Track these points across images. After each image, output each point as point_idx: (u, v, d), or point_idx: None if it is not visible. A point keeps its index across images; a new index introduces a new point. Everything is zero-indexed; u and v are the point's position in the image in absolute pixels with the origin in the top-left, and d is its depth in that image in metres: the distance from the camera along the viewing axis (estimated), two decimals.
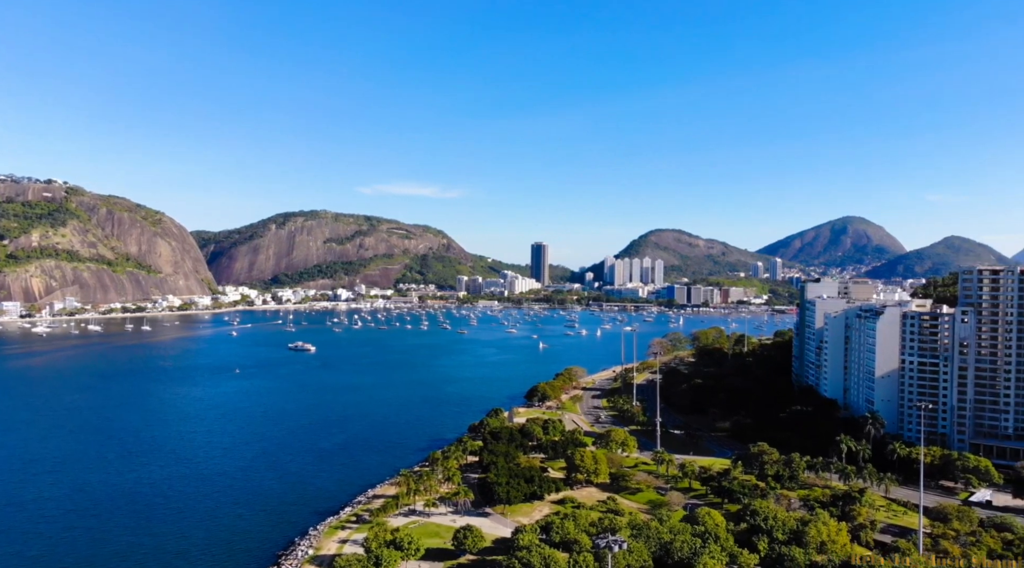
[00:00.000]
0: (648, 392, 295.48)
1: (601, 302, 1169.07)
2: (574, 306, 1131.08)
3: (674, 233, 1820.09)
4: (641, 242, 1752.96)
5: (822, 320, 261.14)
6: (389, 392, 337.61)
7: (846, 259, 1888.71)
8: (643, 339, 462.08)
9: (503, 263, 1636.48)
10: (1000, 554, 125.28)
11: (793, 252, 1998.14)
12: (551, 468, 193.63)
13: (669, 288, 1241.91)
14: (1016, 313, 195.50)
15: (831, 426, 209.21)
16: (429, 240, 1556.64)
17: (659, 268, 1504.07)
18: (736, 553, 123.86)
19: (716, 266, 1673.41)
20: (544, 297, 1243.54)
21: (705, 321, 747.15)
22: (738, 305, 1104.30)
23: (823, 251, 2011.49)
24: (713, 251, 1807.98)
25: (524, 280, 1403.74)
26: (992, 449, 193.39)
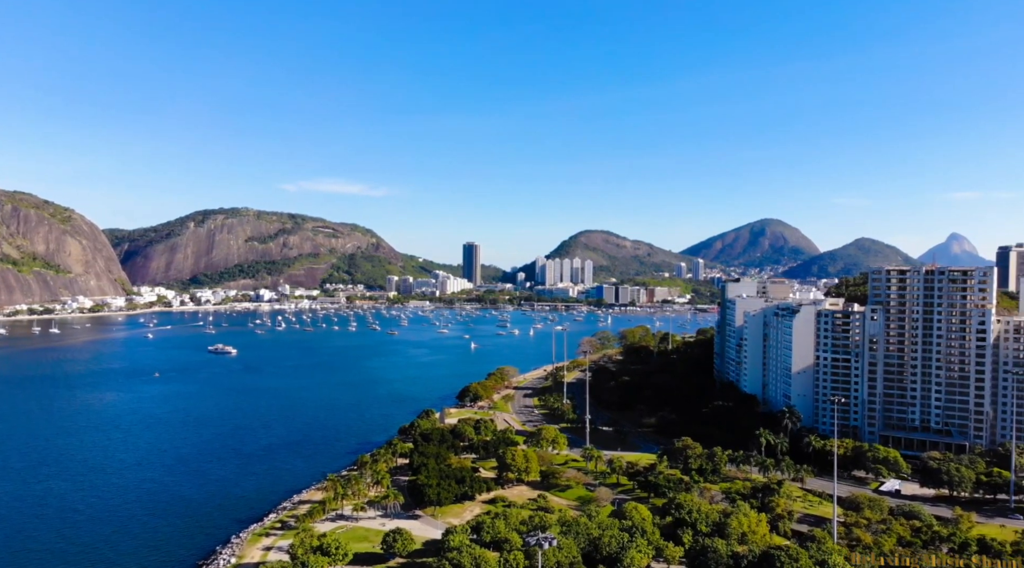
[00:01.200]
0: (578, 390, 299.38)
1: (533, 302, 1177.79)
2: (506, 306, 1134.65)
3: (603, 234, 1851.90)
4: (571, 243, 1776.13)
5: (742, 318, 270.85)
6: (316, 395, 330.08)
7: (764, 260, 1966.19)
8: (573, 338, 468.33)
9: (434, 263, 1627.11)
10: (909, 541, 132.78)
11: (715, 253, 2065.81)
12: (483, 468, 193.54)
13: (598, 288, 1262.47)
14: (921, 311, 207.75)
15: (751, 420, 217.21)
16: (357, 239, 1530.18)
17: (588, 268, 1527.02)
18: (662, 546, 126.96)
19: (642, 266, 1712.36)
20: (476, 297, 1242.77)
21: (632, 320, 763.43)
22: (663, 304, 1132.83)
23: (743, 252, 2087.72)
24: (639, 252, 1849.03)
25: (456, 280, 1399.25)
26: (900, 440, 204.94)
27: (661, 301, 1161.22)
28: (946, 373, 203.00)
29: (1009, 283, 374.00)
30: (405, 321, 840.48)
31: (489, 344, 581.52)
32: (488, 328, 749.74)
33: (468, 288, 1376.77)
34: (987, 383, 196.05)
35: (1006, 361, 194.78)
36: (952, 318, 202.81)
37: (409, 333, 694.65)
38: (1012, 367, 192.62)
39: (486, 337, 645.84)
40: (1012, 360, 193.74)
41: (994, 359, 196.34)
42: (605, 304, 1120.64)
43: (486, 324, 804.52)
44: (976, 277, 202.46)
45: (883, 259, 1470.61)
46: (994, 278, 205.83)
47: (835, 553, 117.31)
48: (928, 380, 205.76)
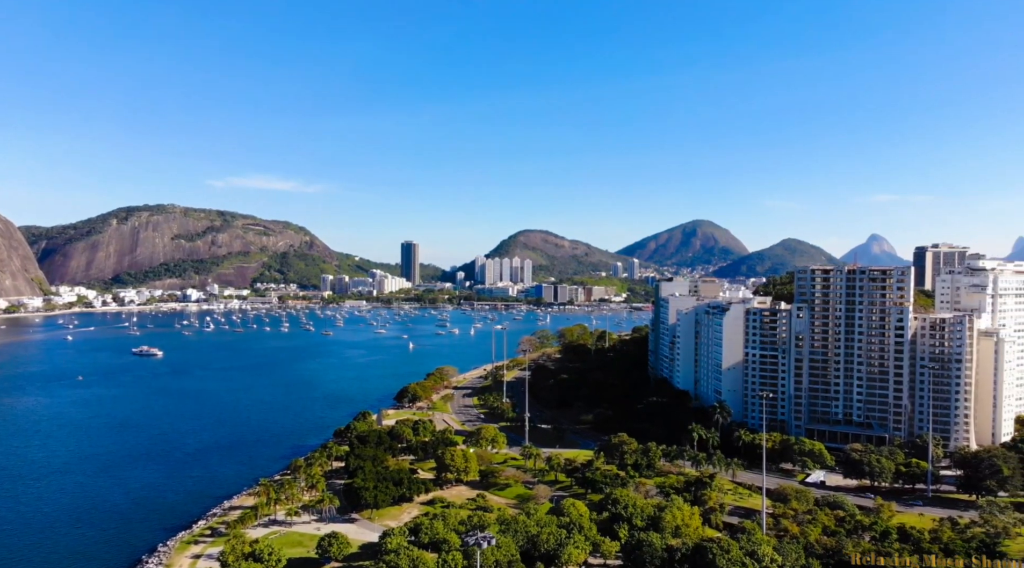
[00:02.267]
0: (518, 389, 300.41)
1: (472, 301, 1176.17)
2: (446, 305, 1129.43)
3: (542, 234, 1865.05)
4: (510, 242, 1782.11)
5: (675, 316, 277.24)
6: (247, 398, 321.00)
7: (696, 259, 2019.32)
8: (513, 337, 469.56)
9: (371, 262, 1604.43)
10: (833, 530, 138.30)
11: (649, 253, 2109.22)
12: (421, 469, 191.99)
13: (537, 287, 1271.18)
14: (844, 309, 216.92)
15: (684, 416, 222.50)
16: (290, 237, 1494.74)
17: (528, 268, 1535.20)
18: (599, 542, 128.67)
19: (580, 266, 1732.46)
20: (415, 296, 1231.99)
21: (571, 319, 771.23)
22: (600, 303, 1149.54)
23: (675, 252, 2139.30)
24: (577, 251, 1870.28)
25: (394, 279, 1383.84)
26: (825, 433, 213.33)
27: (598, 300, 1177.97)
28: (867, 368, 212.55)
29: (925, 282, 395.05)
30: (341, 321, 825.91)
31: (428, 344, 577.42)
32: (427, 328, 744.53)
33: (406, 287, 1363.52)
34: (905, 378, 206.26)
35: (922, 356, 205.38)
36: (872, 315, 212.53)
37: (345, 334, 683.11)
38: (928, 362, 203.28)
39: (425, 337, 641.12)
40: (928, 355, 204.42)
41: (911, 354, 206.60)
42: (544, 303, 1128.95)
43: (425, 324, 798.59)
44: (894, 276, 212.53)
45: (808, 259, 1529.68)
46: (911, 277, 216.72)
47: (764, 544, 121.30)
48: (850, 375, 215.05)
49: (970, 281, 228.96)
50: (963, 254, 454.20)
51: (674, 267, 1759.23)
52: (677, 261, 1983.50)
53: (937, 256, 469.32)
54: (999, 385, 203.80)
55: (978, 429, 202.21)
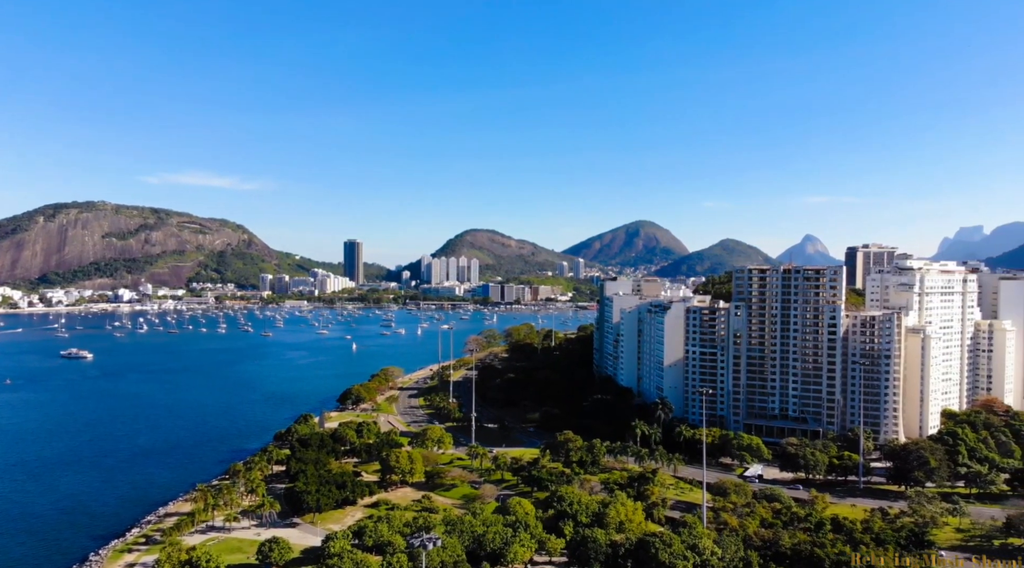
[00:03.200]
0: (465, 388, 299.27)
1: (419, 300, 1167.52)
2: (391, 305, 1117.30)
3: (488, 233, 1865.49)
4: (457, 241, 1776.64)
5: (619, 315, 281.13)
6: (183, 402, 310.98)
7: (639, 259, 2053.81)
8: (460, 337, 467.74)
9: (313, 261, 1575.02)
10: (770, 522, 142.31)
11: (594, 253, 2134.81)
12: (365, 471, 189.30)
13: (484, 286, 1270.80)
14: (779, 307, 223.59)
15: (627, 412, 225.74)
16: (227, 235, 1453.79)
17: (475, 267, 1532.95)
18: (544, 539, 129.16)
19: (527, 265, 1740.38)
20: (359, 296, 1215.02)
21: (517, 318, 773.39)
22: (546, 302, 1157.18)
23: (619, 252, 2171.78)
24: (524, 251, 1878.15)
25: (337, 279, 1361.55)
26: (762, 428, 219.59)
27: (545, 299, 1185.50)
28: (802, 364, 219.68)
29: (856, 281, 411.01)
30: (281, 322, 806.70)
31: (373, 345, 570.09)
32: (371, 328, 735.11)
33: (350, 287, 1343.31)
34: (838, 373, 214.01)
35: (854, 352, 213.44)
36: (807, 313, 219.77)
37: (285, 334, 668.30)
38: (859, 358, 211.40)
39: (369, 337, 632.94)
40: (859, 351, 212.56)
41: (844, 351, 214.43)
42: (491, 302, 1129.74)
43: (369, 324, 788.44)
44: (827, 276, 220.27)
45: (745, 259, 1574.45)
46: (843, 277, 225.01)
47: (705, 537, 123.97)
48: (786, 371, 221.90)
49: (898, 280, 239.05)
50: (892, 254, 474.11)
51: (618, 267, 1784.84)
52: (621, 261, 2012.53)
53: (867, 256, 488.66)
54: (926, 380, 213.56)
55: (906, 422, 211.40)
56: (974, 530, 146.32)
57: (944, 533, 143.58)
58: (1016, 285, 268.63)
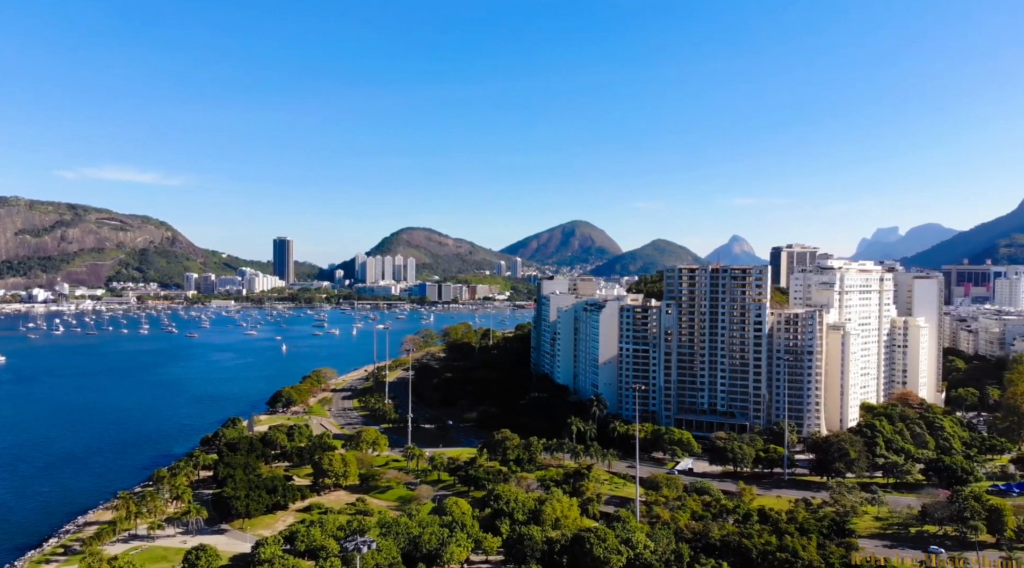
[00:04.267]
0: (401, 389, 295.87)
1: (353, 300, 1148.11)
2: (323, 305, 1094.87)
3: (425, 232, 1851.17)
4: (393, 240, 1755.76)
5: (555, 314, 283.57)
6: (103, 406, 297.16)
7: (575, 258, 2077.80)
8: (396, 336, 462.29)
9: (241, 259, 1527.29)
10: (700, 515, 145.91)
11: (531, 252, 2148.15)
12: (297, 475, 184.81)
13: (421, 286, 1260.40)
14: (708, 305, 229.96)
15: (564, 410, 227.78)
16: (150, 232, 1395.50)
17: (411, 266, 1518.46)
18: (481, 538, 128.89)
19: (464, 264, 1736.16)
20: (289, 296, 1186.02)
21: (455, 317, 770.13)
22: (484, 301, 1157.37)
23: (556, 251, 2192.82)
24: (461, 250, 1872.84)
25: (266, 278, 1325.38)
26: (693, 423, 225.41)
27: (483, 298, 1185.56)
28: (729, 361, 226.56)
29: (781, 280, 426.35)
30: (207, 323, 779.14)
31: (304, 345, 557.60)
32: (303, 329, 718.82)
33: (280, 286, 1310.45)
34: (764, 369, 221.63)
35: (779, 349, 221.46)
36: (734, 311, 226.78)
37: (212, 335, 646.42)
38: (784, 354, 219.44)
39: (301, 338, 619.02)
40: (784, 348, 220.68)
41: (769, 347, 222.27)
42: (428, 302, 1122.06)
43: (301, 324, 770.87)
44: (753, 275, 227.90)
45: (676, 259, 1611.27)
46: (768, 276, 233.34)
47: (638, 531, 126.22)
48: (715, 367, 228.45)
49: (820, 279, 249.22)
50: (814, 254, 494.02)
51: (555, 266, 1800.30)
52: (557, 260, 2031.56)
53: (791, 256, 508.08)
54: (846, 375, 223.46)
55: (828, 416, 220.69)
56: (892, 518, 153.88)
57: (864, 522, 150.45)
58: (928, 284, 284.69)
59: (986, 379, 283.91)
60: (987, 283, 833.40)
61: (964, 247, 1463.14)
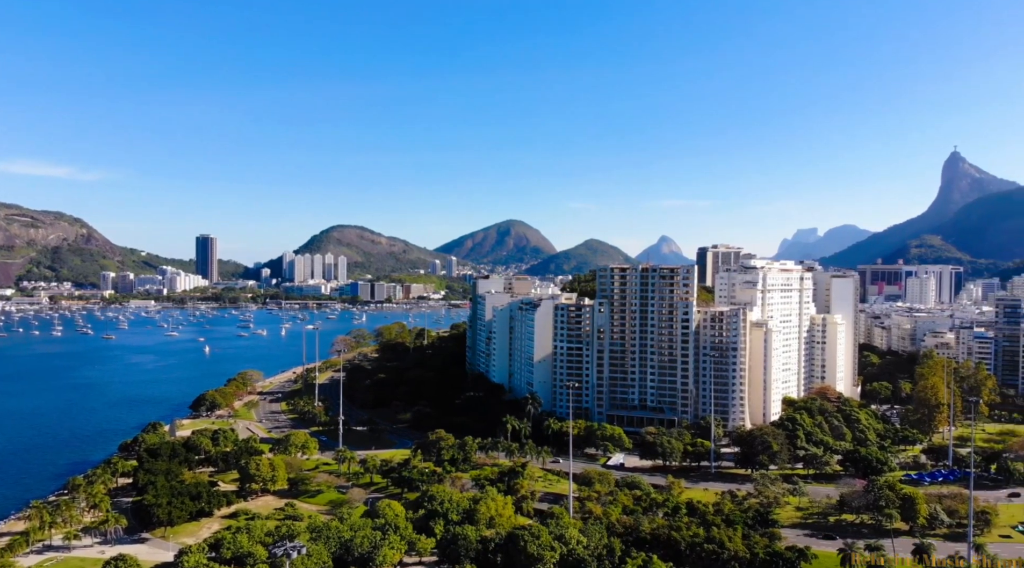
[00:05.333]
0: (332, 391, 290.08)
1: (280, 300, 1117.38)
2: (249, 304, 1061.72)
3: (357, 230, 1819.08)
4: (323, 238, 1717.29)
5: (491, 313, 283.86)
6: (14, 411, 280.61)
7: (510, 258, 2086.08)
8: (327, 337, 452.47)
9: (162, 258, 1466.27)
10: (631, 509, 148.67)
11: (466, 251, 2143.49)
12: (222, 481, 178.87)
13: (353, 285, 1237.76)
14: (639, 304, 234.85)
15: (499, 408, 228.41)
16: (63, 229, 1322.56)
17: (342, 265, 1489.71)
18: (414, 540, 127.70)
19: (398, 263, 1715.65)
20: (213, 295, 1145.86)
21: (388, 317, 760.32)
22: (419, 300, 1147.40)
23: (491, 250, 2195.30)
24: (395, 249, 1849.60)
25: (188, 277, 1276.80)
26: (624, 418, 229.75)
27: (417, 297, 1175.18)
28: (659, 357, 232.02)
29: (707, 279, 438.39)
30: (125, 324, 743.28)
31: (229, 347, 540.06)
32: (228, 329, 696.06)
33: (203, 285, 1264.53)
34: (691, 365, 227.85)
35: (705, 345, 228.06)
36: (663, 309, 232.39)
37: (130, 337, 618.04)
38: (710, 351, 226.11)
39: (226, 339, 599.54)
40: (710, 344, 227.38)
41: (696, 344, 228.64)
42: (360, 301, 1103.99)
43: (225, 325, 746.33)
44: (681, 274, 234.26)
45: (608, 258, 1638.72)
46: (695, 275, 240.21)
47: (571, 527, 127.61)
48: (645, 364, 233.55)
49: (743, 278, 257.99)
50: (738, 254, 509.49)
51: (490, 265, 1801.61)
52: (493, 259, 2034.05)
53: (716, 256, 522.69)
54: (768, 370, 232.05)
55: (752, 410, 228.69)
56: (812, 508, 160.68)
57: (786, 512, 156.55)
58: (845, 282, 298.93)
59: (899, 373, 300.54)
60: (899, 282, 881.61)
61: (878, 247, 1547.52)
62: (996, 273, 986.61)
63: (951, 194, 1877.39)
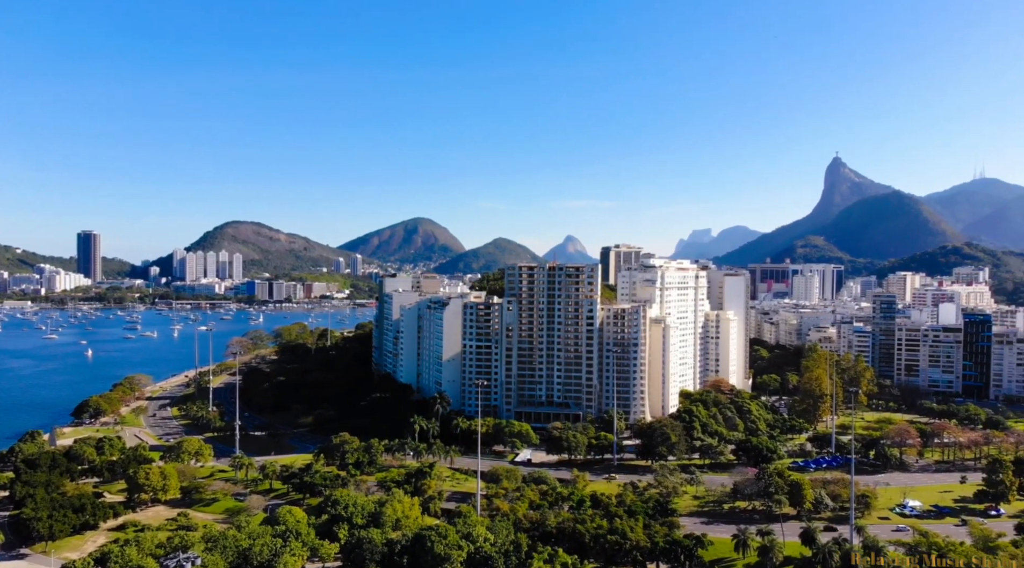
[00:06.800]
0: (227, 395, 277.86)
1: (171, 300, 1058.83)
2: (137, 305, 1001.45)
3: (254, 226, 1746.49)
4: (217, 234, 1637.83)
5: (399, 312, 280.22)
6: None
7: (418, 256, 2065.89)
8: (221, 339, 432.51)
9: (39, 255, 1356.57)
10: (538, 504, 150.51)
11: (372, 249, 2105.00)
12: (109, 492, 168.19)
13: (249, 284, 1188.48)
14: (546, 302, 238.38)
15: (407, 409, 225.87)
16: None
17: (238, 262, 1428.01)
18: (317, 546, 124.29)
19: (299, 261, 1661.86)
20: (97, 295, 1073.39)
21: (288, 317, 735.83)
22: (322, 300, 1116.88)
23: (398, 248, 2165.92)
24: (295, 246, 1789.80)
25: (69, 275, 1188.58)
26: (531, 415, 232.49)
27: (319, 297, 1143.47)
28: (565, 354, 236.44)
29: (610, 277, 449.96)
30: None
31: (115, 350, 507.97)
32: (113, 331, 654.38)
33: (85, 285, 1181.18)
34: (595, 361, 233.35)
35: (608, 342, 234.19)
36: (569, 307, 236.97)
37: (3, 340, 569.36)
38: (612, 347, 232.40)
39: (111, 342, 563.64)
40: (612, 341, 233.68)
41: (600, 340, 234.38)
42: (258, 301, 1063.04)
43: (110, 327, 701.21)
44: (586, 273, 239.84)
45: (516, 257, 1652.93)
46: (599, 274, 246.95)
47: (479, 525, 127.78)
48: (552, 361, 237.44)
49: (644, 277, 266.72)
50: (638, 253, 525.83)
51: (397, 263, 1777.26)
52: (400, 257, 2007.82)
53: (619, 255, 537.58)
54: (667, 364, 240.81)
55: (652, 403, 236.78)
56: (708, 496, 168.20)
57: (684, 501, 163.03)
58: (737, 281, 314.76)
59: (786, 366, 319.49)
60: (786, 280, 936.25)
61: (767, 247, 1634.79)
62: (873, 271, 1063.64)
63: (833, 197, 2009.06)
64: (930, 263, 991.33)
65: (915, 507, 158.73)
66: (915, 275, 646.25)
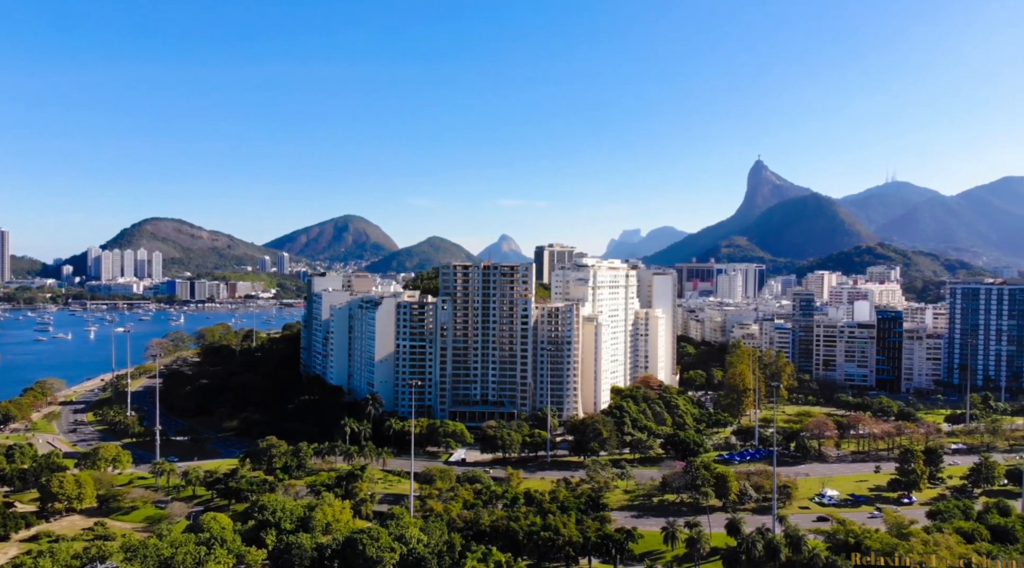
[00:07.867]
0: (146, 399, 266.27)
1: (85, 300, 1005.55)
2: (48, 305, 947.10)
3: (174, 223, 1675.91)
4: (135, 231, 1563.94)
5: (328, 312, 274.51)
6: None
7: (348, 255, 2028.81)
8: (140, 340, 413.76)
9: None
10: (472, 503, 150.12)
11: (300, 247, 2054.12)
12: (20, 501, 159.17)
13: (170, 283, 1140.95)
14: (480, 301, 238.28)
15: (337, 411, 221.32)
16: None
17: (157, 261, 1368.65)
18: (243, 552, 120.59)
19: (222, 259, 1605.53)
20: (5, 296, 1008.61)
21: (211, 318, 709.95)
22: (246, 300, 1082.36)
23: (328, 247, 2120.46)
24: (218, 244, 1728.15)
25: None
26: (466, 414, 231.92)
27: (244, 296, 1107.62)
28: (499, 353, 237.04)
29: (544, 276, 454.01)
30: None
31: (25, 353, 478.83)
32: (23, 333, 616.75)
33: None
34: (529, 359, 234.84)
35: (542, 340, 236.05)
36: (503, 306, 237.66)
37: None
38: (547, 345, 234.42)
39: (20, 344, 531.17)
40: (546, 339, 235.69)
41: (534, 339, 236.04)
42: (179, 301, 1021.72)
43: (20, 329, 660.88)
44: (520, 272, 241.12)
45: (451, 256, 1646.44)
46: (533, 273, 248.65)
47: (412, 526, 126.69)
48: (487, 360, 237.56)
49: (576, 276, 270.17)
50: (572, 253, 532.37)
51: (327, 262, 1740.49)
52: (330, 256, 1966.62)
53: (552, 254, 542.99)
54: (599, 362, 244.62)
55: (584, 400, 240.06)
56: (638, 490, 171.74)
57: (615, 495, 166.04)
58: (665, 279, 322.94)
59: (712, 362, 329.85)
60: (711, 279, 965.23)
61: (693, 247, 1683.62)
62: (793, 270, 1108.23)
63: (755, 199, 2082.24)
64: (846, 262, 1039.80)
65: (833, 496, 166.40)
66: (832, 274, 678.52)
